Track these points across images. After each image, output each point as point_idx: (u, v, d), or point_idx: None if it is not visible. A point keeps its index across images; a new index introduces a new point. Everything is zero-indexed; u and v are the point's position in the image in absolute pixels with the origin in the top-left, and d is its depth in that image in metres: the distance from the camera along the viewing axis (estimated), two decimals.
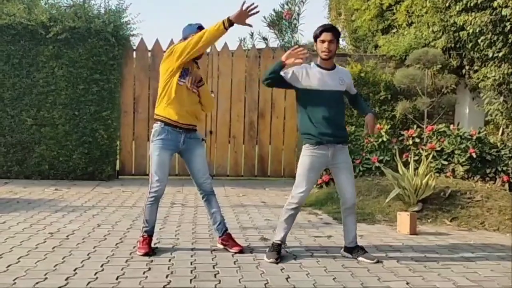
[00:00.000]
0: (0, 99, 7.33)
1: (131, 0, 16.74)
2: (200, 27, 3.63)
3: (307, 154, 3.61)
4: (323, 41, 3.55)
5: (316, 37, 3.60)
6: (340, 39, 3.87)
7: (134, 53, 8.04)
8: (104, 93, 7.49)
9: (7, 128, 7.35)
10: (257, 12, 3.32)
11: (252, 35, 8.75)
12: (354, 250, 3.72)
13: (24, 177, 7.35)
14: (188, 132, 3.70)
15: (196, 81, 3.68)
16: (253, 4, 3.30)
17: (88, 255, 3.56)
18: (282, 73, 3.57)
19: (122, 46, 7.67)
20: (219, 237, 3.84)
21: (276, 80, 3.57)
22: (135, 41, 8.04)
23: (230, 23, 3.32)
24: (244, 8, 3.30)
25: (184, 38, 3.64)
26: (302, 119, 3.65)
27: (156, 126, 3.65)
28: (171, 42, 7.99)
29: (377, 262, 3.59)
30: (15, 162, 7.36)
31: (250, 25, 3.42)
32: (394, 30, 8.78)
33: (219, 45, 8.06)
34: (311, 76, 3.57)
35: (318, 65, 3.63)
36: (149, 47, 8.03)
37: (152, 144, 3.65)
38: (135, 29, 7.91)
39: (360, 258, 3.64)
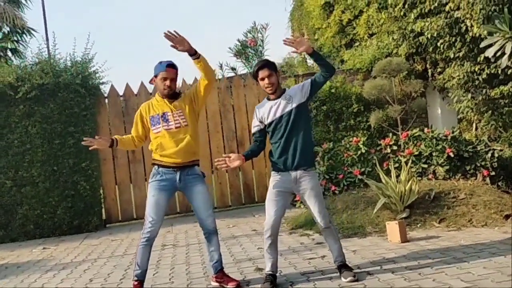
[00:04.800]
0: None
1: (96, 49, 16.87)
2: (169, 65, 3.69)
3: (272, 181, 3.74)
4: (262, 79, 3.66)
5: (255, 77, 3.74)
6: (307, 58, 4.00)
7: (106, 100, 8.05)
8: (81, 144, 7.42)
9: None
10: None
11: (221, 66, 8.85)
12: (341, 269, 3.71)
13: (10, 240, 7.20)
14: (184, 169, 3.71)
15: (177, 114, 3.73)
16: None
17: None
18: (256, 131, 3.77)
19: (93, 96, 7.68)
20: (213, 275, 3.83)
21: (261, 143, 3.79)
22: (105, 89, 8.08)
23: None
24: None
25: (155, 76, 3.72)
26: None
27: (153, 169, 3.77)
28: (142, 85, 8.07)
29: (356, 280, 3.53)
30: None
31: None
32: (357, 44, 8.99)
33: (189, 80, 8.15)
34: (266, 112, 3.71)
35: (268, 99, 3.76)
36: (120, 92, 8.07)
37: (149, 185, 3.76)
38: (104, 77, 7.94)
39: (343, 279, 3.61)
